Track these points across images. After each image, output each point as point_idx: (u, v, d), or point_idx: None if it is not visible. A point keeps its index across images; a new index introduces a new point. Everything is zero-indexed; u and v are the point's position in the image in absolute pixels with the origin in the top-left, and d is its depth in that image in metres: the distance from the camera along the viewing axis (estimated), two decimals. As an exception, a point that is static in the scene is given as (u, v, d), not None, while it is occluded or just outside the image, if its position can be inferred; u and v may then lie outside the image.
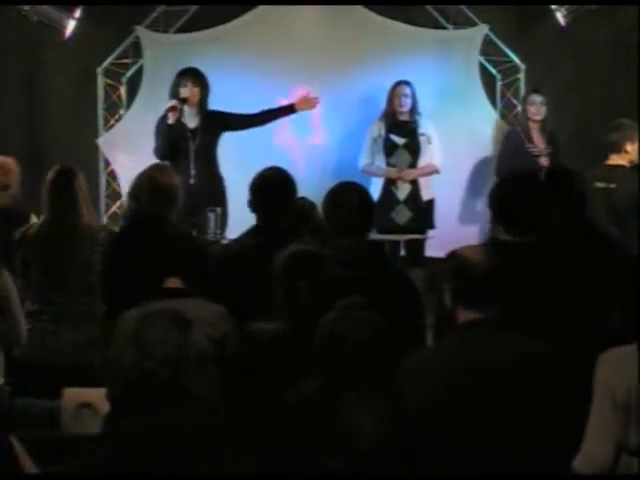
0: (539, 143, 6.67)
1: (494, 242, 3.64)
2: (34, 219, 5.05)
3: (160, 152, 6.14)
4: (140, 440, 2.43)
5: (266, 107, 6.53)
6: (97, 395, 3.58)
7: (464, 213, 7.36)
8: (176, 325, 2.62)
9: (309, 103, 6.56)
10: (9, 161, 5.27)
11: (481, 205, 6.99)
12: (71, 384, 3.90)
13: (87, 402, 3.65)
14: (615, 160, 5.76)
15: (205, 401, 2.61)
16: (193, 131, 6.25)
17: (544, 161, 6.57)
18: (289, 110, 6.52)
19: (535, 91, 6.82)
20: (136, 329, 2.58)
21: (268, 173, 4.20)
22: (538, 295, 3.32)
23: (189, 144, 6.22)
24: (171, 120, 6.12)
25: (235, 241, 4.39)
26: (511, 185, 3.66)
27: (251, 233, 4.13)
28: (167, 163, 5.37)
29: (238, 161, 6.85)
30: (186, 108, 6.25)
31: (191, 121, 6.27)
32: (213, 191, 6.22)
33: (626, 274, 3.30)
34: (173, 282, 3.64)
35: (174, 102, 6.13)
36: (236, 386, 3.27)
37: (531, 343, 2.87)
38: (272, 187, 4.12)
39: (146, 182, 4.38)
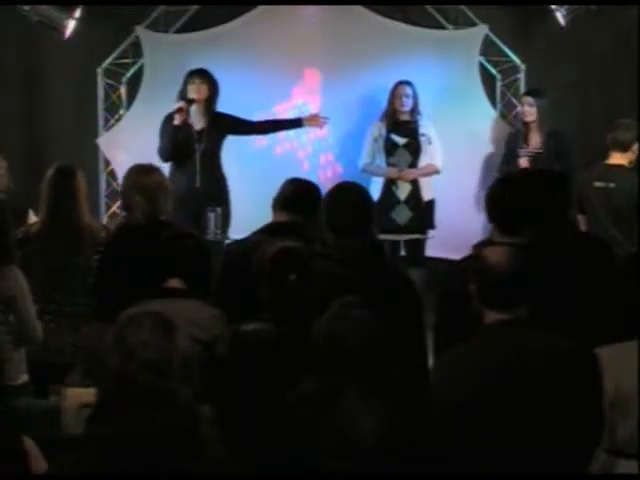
0: (535, 144, 6.66)
1: (489, 244, 3.64)
2: (32, 216, 5.05)
3: (165, 153, 6.14)
4: (116, 443, 2.43)
5: (265, 107, 6.55)
6: (97, 395, 3.59)
7: (464, 213, 7.35)
8: (161, 328, 2.61)
9: (317, 121, 6.57)
10: None
11: (481, 205, 6.99)
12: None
13: (88, 402, 3.64)
14: (616, 159, 5.74)
15: (188, 406, 2.60)
16: (200, 132, 6.25)
17: (524, 162, 6.51)
18: (296, 124, 6.55)
19: (528, 93, 6.82)
20: (121, 331, 2.57)
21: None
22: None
23: (195, 146, 6.22)
24: (177, 121, 6.11)
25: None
26: (504, 186, 3.66)
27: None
28: (151, 163, 5.38)
29: (238, 160, 6.86)
30: (193, 108, 6.26)
31: (198, 122, 6.27)
32: (217, 192, 6.24)
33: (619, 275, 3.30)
34: (174, 283, 3.64)
35: (182, 103, 6.13)
36: (225, 388, 3.27)
37: (556, 342, 2.86)
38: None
39: (131, 184, 4.37)
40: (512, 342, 2.84)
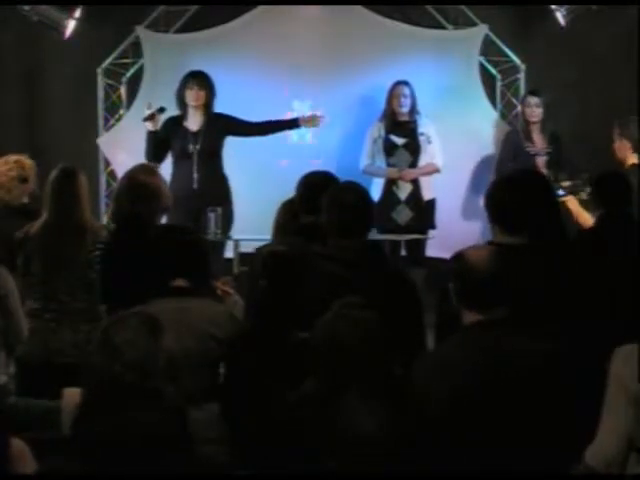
0: (539, 143, 6.67)
1: (491, 244, 3.63)
2: None
3: (147, 157, 6.17)
4: (102, 443, 2.43)
5: (265, 107, 6.55)
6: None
7: (465, 213, 7.36)
8: (147, 328, 2.61)
9: (315, 121, 6.57)
10: (23, 157, 5.28)
11: (481, 205, 6.98)
12: (72, 384, 3.89)
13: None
14: (634, 159, 5.64)
15: (175, 405, 2.60)
16: (195, 134, 6.25)
17: (541, 161, 6.55)
18: (293, 125, 6.55)
19: (531, 92, 6.82)
20: (106, 331, 2.58)
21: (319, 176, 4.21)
22: (535, 296, 3.31)
23: (190, 147, 6.23)
24: (151, 127, 6.15)
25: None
26: (506, 186, 3.65)
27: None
28: (151, 163, 5.41)
29: (239, 160, 6.86)
30: (190, 111, 6.27)
31: (194, 124, 6.28)
32: (217, 192, 6.24)
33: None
34: (178, 282, 3.65)
35: (152, 111, 6.15)
36: (239, 384, 3.28)
37: (534, 343, 2.86)
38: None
39: (128, 183, 4.39)
40: (489, 343, 2.83)
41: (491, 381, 2.78)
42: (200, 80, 6.27)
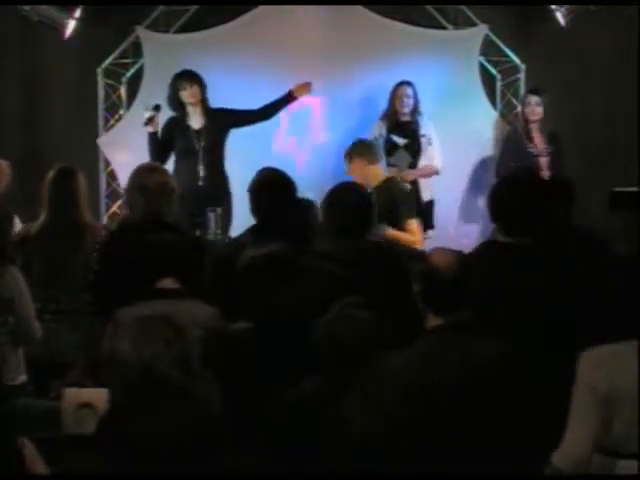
0: (539, 143, 6.67)
1: (492, 243, 3.64)
2: (17, 222, 5.09)
3: (152, 159, 6.18)
4: (142, 442, 2.43)
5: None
6: (97, 395, 3.58)
7: (464, 213, 7.36)
8: (174, 330, 2.61)
9: (306, 88, 6.56)
10: (1, 162, 5.29)
11: (481, 205, 7.00)
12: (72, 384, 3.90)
13: (87, 402, 3.65)
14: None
15: (207, 403, 2.61)
16: (198, 132, 6.27)
17: (544, 161, 6.56)
18: (289, 98, 6.54)
19: (531, 92, 6.83)
20: (137, 334, 2.57)
21: (263, 175, 4.20)
22: (532, 297, 3.31)
23: (195, 145, 6.24)
24: (151, 129, 6.17)
25: (234, 240, 4.36)
26: (509, 186, 3.65)
27: (249, 233, 4.13)
28: (157, 163, 5.41)
29: (240, 160, 6.86)
30: (190, 109, 6.28)
31: (196, 122, 6.29)
32: (219, 191, 6.26)
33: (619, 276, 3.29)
34: (166, 282, 3.63)
35: (150, 113, 6.16)
36: (229, 386, 3.28)
37: (498, 347, 2.83)
38: (268, 189, 4.11)
39: (135, 183, 4.38)
40: (453, 346, 2.81)
41: (454, 385, 2.75)
42: (190, 78, 6.28)
